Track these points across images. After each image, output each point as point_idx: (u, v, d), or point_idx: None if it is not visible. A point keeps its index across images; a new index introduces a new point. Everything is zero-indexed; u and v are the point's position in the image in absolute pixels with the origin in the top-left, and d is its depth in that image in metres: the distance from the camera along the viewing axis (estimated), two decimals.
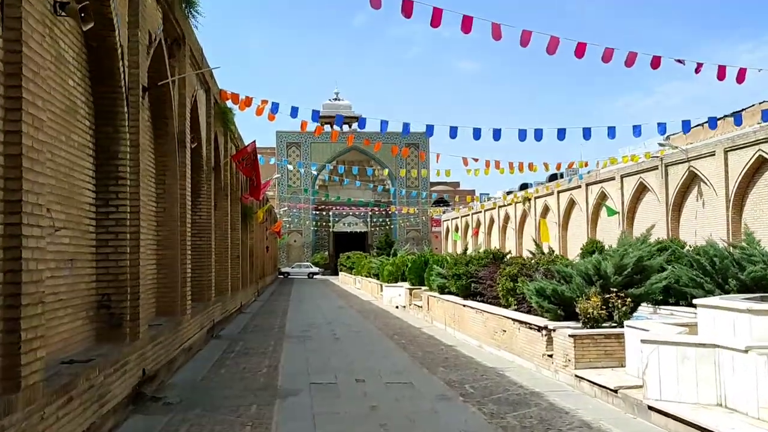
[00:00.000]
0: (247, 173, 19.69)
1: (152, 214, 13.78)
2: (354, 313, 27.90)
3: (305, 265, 78.34)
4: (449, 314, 21.31)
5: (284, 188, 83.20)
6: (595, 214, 41.93)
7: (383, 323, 23.37)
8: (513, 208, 56.41)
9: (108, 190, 9.87)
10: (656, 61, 14.51)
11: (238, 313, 26.66)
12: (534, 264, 17.04)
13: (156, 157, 14.03)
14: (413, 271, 29.59)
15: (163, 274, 14.04)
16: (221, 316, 21.14)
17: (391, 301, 32.26)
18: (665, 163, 33.27)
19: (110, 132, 9.86)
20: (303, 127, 21.64)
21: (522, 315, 14.87)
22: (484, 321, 17.32)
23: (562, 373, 12.38)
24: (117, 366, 8.92)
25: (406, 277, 34.13)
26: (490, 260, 20.52)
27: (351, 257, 62.00)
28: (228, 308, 23.27)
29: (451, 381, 11.84)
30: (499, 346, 16.05)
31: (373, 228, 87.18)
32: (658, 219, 34.72)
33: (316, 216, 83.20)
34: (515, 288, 16.26)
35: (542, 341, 13.35)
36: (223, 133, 22.80)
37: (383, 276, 36.72)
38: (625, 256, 13.29)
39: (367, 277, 45.11)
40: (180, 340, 13.75)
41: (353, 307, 31.91)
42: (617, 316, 12.48)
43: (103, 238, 9.83)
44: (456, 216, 77.00)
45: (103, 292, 9.75)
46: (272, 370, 13.19)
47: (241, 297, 28.77)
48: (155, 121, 13.80)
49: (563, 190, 45.89)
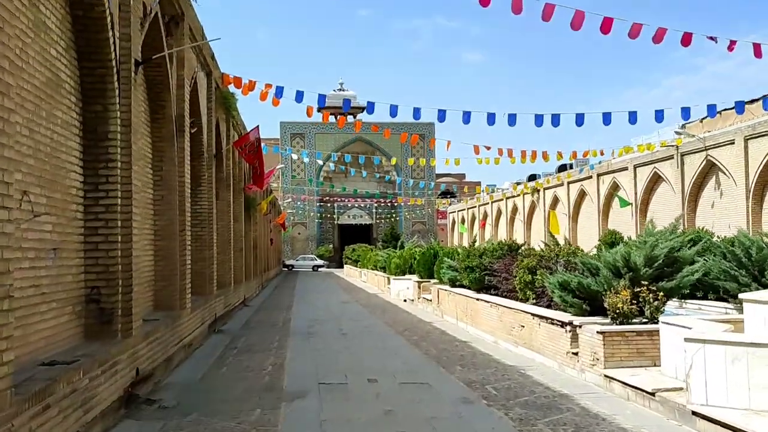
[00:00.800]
0: (250, 160, 18.81)
1: (149, 202, 12.91)
2: (360, 308, 27.05)
3: (310, 257, 77.54)
4: (461, 308, 20.44)
5: (288, 180, 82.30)
6: (607, 205, 40.98)
7: (392, 318, 22.51)
8: (521, 199, 55.43)
9: (97, 174, 8.99)
10: (687, 38, 13.57)
11: (241, 307, 25.83)
12: (553, 256, 16.15)
13: (153, 142, 13.16)
14: (422, 263, 28.71)
15: (161, 266, 13.19)
16: (223, 310, 20.30)
17: (399, 295, 31.41)
18: (681, 153, 32.28)
19: (99, 111, 8.97)
20: (309, 113, 20.71)
21: (542, 310, 13.99)
22: (500, 315, 16.44)
23: (589, 372, 11.50)
24: (105, 366, 8.05)
25: (414, 270, 33.28)
26: (505, 252, 19.64)
27: (356, 250, 61.17)
28: (231, 302, 22.43)
29: (470, 381, 10.96)
30: (517, 342, 15.18)
31: (378, 220, 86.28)
32: (672, 210, 33.74)
33: (320, 208, 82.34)
34: (534, 281, 15.38)
35: (566, 338, 12.47)
36: (225, 119, 21.92)
37: (390, 269, 35.86)
38: (656, 247, 12.38)
39: (373, 270, 44.27)
40: (178, 336, 12.89)
41: (359, 300, 31.06)
42: (649, 311, 11.58)
43: (92, 226, 8.96)
44: (462, 208, 76.00)
45: (92, 284, 8.89)
46: (277, 369, 12.33)
47: (245, 290, 27.93)
48: (152, 104, 12.92)
49: (573, 180, 44.91)
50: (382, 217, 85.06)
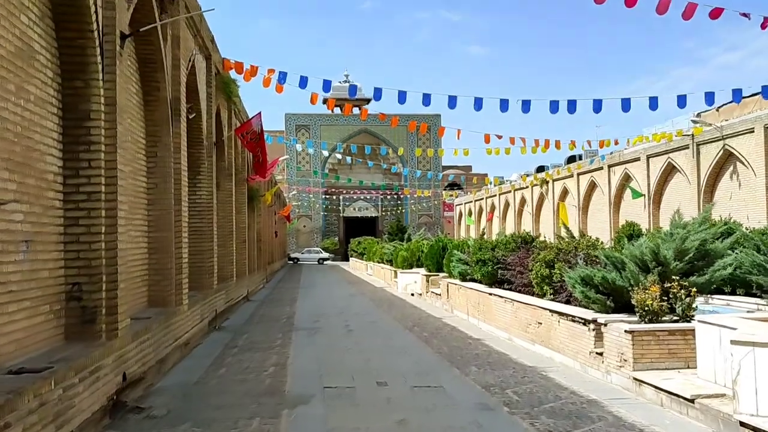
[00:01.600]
0: (252, 149, 17.94)
1: (142, 190, 12.06)
2: (367, 302, 26.20)
3: (315, 250, 76.72)
4: (472, 303, 19.57)
5: (293, 171, 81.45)
6: (618, 196, 40.00)
7: (400, 312, 21.65)
8: (529, 191, 54.45)
9: (78, 158, 8.13)
10: (716, 13, 12.64)
11: (244, 302, 25.00)
12: (572, 249, 15.26)
13: (146, 127, 12.29)
14: (430, 257, 27.84)
15: (155, 260, 12.34)
16: (225, 305, 19.46)
17: (406, 289, 30.54)
18: (697, 142, 31.28)
19: (80, 87, 8.10)
20: (313, 100, 19.84)
21: (562, 306, 13.10)
22: (515, 311, 15.56)
23: (615, 374, 10.62)
24: (85, 373, 7.20)
25: (422, 263, 32.41)
26: (518, 245, 18.75)
27: (362, 242, 60.34)
28: (233, 296, 21.60)
29: (488, 384, 10.08)
30: (534, 340, 14.30)
31: (384, 213, 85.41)
32: (687, 201, 32.78)
33: (326, 200, 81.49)
34: (552, 275, 14.50)
35: (589, 337, 11.59)
36: (226, 107, 21.04)
37: (397, 262, 35.00)
38: (686, 240, 11.48)
39: (379, 263, 43.41)
40: (174, 334, 12.05)
41: (365, 294, 30.21)
42: (680, 308, 10.69)
43: (72, 216, 8.11)
44: (469, 200, 75.05)
45: (73, 281, 8.04)
46: (279, 369, 11.47)
47: (248, 284, 27.10)
48: (144, 84, 12.06)
49: (584, 172, 43.92)
50: (388, 209, 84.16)
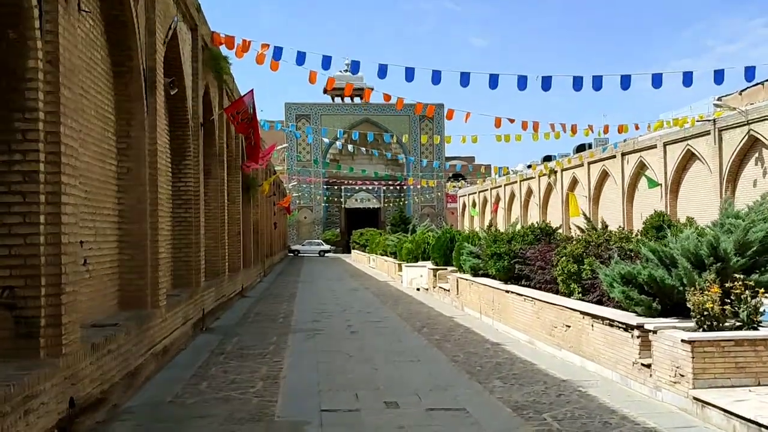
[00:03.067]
0: (244, 130, 16.24)
1: (111, 176, 10.38)
2: (371, 297, 24.54)
3: (316, 242, 75.13)
4: (486, 301, 17.92)
5: (293, 161, 79.71)
6: (632, 186, 38.28)
7: (406, 310, 19.99)
8: (537, 181, 52.71)
9: (11, 128, 6.45)
10: None
11: (238, 298, 23.34)
12: (602, 242, 13.58)
13: (116, 102, 10.60)
14: (437, 249, 26.16)
15: (128, 256, 10.66)
16: (215, 303, 17.80)
17: (412, 283, 28.90)
18: (719, 128, 29.54)
19: (12, 39, 6.42)
20: (312, 79, 18.18)
21: (598, 308, 11.42)
22: (537, 312, 13.89)
23: (668, 391, 8.95)
24: (11, 405, 5.53)
25: (427, 256, 30.76)
26: (537, 237, 17.10)
27: (364, 234, 58.70)
28: (225, 293, 19.93)
29: (519, 405, 8.41)
30: (560, 344, 12.64)
31: (387, 204, 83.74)
32: (707, 191, 31.08)
33: (327, 191, 79.80)
34: (580, 272, 12.82)
35: (633, 345, 9.91)
36: (216, 86, 19.34)
37: (401, 255, 33.34)
38: (749, 231, 9.79)
39: (382, 256, 41.78)
40: (149, 341, 10.38)
41: (369, 289, 28.56)
42: (744, 312, 9.01)
43: (4, 202, 6.44)
44: (473, 191, 73.35)
45: (5, 284, 6.38)
46: (270, 384, 9.80)
47: (243, 279, 25.44)
48: (113, 50, 10.36)
49: (595, 161, 42.17)
50: (391, 200, 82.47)
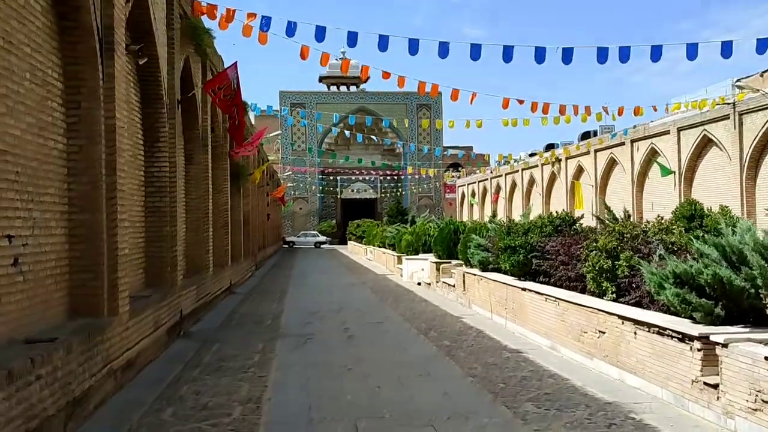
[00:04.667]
0: (225, 108, 14.37)
1: (56, 155, 8.52)
2: (369, 293, 22.74)
3: (311, 233, 73.31)
4: (497, 298, 16.14)
5: (288, 150, 77.70)
6: (642, 174, 36.46)
7: (409, 309, 18.19)
8: (539, 170, 50.87)
9: None
10: None
11: (225, 295, 21.50)
12: (639, 233, 11.79)
13: (63, 65, 8.74)
14: (440, 241, 24.38)
15: (78, 252, 8.82)
16: (197, 302, 15.97)
17: (412, 277, 27.13)
18: (739, 111, 27.74)
19: None
20: (304, 54, 16.31)
21: (641, 312, 9.64)
22: (562, 314, 12.11)
23: (745, 420, 7.17)
24: None
25: (428, 249, 29.02)
26: (557, 228, 15.29)
27: (361, 225, 56.91)
28: (210, 290, 18.10)
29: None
30: (591, 353, 10.87)
31: (383, 195, 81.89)
32: (725, 179, 29.31)
33: (322, 181, 77.87)
34: (615, 268, 11.03)
35: (692, 359, 8.13)
36: (199, 62, 17.47)
37: (401, 247, 31.58)
38: None
39: (380, 248, 40.01)
40: (103, 357, 8.54)
41: (366, 283, 26.76)
42: None
43: None
44: (473, 180, 71.49)
45: None
46: (251, 410, 7.96)
47: (231, 274, 23.60)
48: (57, 1, 8.49)
49: (602, 148, 40.32)
50: (387, 191, 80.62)
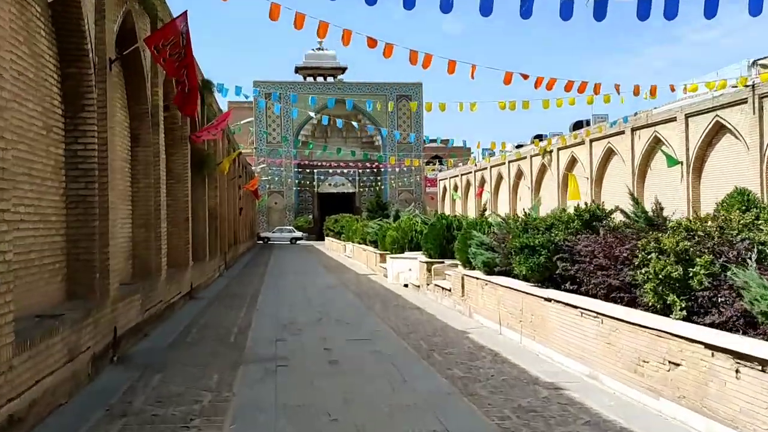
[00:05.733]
0: (173, 71, 11.38)
1: None
2: (352, 298, 19.86)
3: (287, 229, 70.19)
4: (509, 309, 13.35)
5: (262, 140, 74.38)
6: (644, 165, 33.87)
7: (401, 319, 15.34)
8: (528, 162, 48.23)
9: None
10: None
11: (185, 302, 18.48)
12: (714, 230, 9.01)
13: None
14: (431, 238, 21.51)
15: None
16: (142, 315, 12.96)
17: (399, 278, 24.28)
18: (759, 94, 25.18)
19: None
20: (274, 13, 13.35)
21: (745, 342, 6.86)
22: (607, 335, 9.32)
23: None
24: None
25: (416, 246, 26.20)
26: (585, 223, 12.50)
27: (339, 220, 53.98)
28: (162, 297, 15.09)
29: None
30: (657, 390, 8.09)
31: (362, 189, 78.95)
32: (742, 170, 26.75)
33: (299, 175, 74.68)
34: (688, 277, 8.25)
35: None
36: (147, 20, 14.42)
37: (384, 244, 28.69)
38: None
39: (360, 245, 37.11)
40: None
41: (348, 285, 23.87)
42: None
43: None
44: (455, 174, 68.77)
45: None
46: None
47: (194, 276, 20.59)
48: None
49: (598, 138, 37.67)
50: (367, 185, 77.68)
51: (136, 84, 13.93)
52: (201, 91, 22.20)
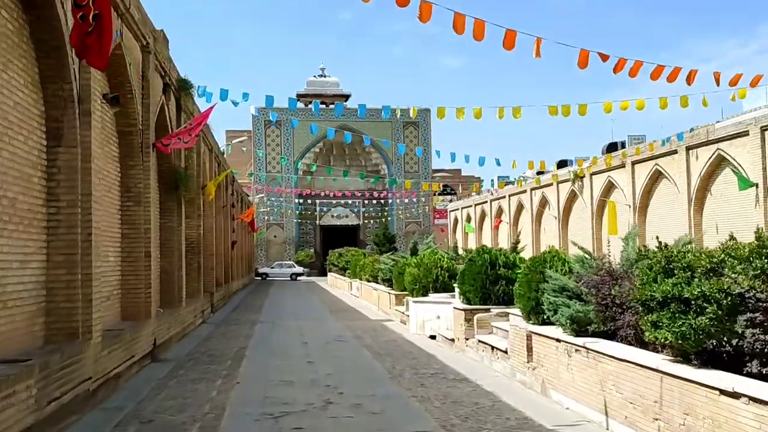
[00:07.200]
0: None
1: None
2: (370, 359, 14.86)
3: (287, 264, 65.25)
4: (630, 396, 8.39)
5: (261, 167, 69.58)
6: (702, 190, 28.99)
7: (448, 401, 10.31)
8: (554, 189, 43.38)
9: None
10: None
11: (139, 369, 13.42)
12: None
13: None
14: (469, 278, 16.51)
15: None
16: (44, 408, 7.96)
17: (424, 327, 19.33)
18: None
19: None
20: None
21: None
22: None
23: None
24: None
25: (443, 286, 21.44)
26: None
27: (344, 255, 48.99)
28: (90, 373, 10.01)
29: None
30: None
31: (366, 221, 74.08)
32: None
33: (299, 206, 69.82)
34: None
35: None
36: None
37: (402, 283, 23.77)
38: None
39: (370, 282, 32.14)
40: None
41: (361, 338, 18.87)
42: None
43: None
44: (468, 204, 63.90)
45: None
46: None
47: (161, 329, 15.57)
48: None
49: (642, 159, 32.81)
50: (372, 216, 72.81)
51: (51, 50, 9.14)
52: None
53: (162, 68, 16.59)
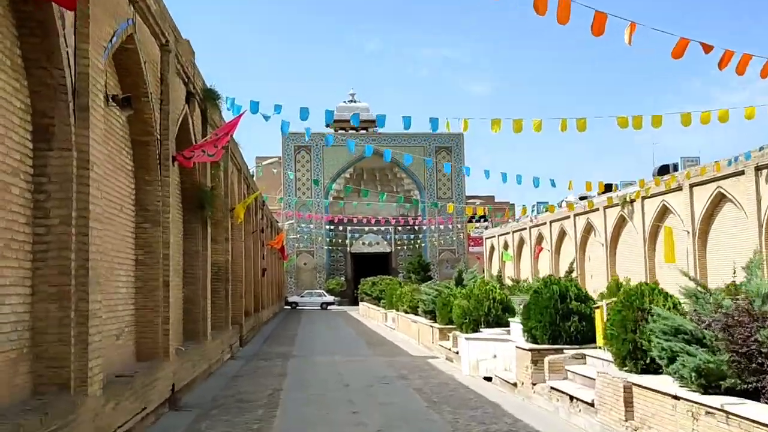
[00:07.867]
0: None
1: None
2: (423, 408, 12.59)
3: (317, 293, 63.13)
4: None
5: (291, 192, 67.88)
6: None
7: None
8: (601, 214, 40.92)
9: None
10: None
11: (156, 418, 11.35)
12: None
13: None
14: (536, 312, 14.19)
15: None
16: None
17: (478, 367, 17.05)
18: None
19: None
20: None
21: None
22: None
23: None
24: None
25: (496, 320, 19.19)
26: None
27: (378, 284, 46.78)
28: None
29: None
30: None
31: (398, 248, 71.84)
32: None
33: (330, 233, 67.80)
34: None
35: None
36: None
37: (450, 315, 21.48)
38: None
39: (408, 314, 29.81)
40: None
41: (409, 378, 16.62)
42: None
43: None
44: (505, 231, 61.41)
45: None
46: None
47: (183, 370, 13.48)
48: None
49: (702, 182, 30.31)
50: (404, 243, 70.47)
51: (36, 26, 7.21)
52: (199, 97, 15.58)
53: (185, 73, 14.71)
